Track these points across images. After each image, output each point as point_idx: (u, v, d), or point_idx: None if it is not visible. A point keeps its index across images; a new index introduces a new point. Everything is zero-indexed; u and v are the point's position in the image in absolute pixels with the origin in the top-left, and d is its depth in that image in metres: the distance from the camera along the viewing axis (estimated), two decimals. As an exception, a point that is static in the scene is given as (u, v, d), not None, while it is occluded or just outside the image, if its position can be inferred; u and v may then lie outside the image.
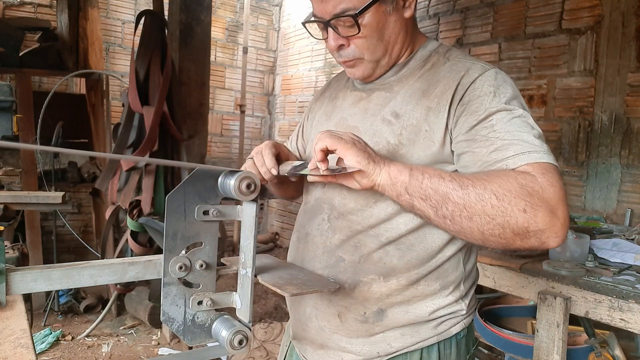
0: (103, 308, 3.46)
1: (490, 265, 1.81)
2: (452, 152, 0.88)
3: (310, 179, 0.85)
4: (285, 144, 1.19)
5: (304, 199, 1.09)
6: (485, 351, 2.46)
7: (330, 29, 0.93)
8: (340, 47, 0.94)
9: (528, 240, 0.74)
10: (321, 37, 0.97)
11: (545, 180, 0.75)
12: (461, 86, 0.88)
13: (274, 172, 0.92)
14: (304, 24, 0.98)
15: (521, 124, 0.82)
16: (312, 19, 0.95)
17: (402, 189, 0.78)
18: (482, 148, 0.82)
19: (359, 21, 0.88)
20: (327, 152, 0.80)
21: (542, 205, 0.73)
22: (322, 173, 0.80)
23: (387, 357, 0.95)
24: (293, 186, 1.16)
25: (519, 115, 0.83)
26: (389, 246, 0.92)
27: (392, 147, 0.90)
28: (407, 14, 0.94)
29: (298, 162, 0.91)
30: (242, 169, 0.92)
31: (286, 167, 0.91)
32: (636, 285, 1.48)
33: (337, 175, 0.81)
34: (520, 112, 0.83)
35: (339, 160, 0.81)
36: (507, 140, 0.80)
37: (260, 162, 0.94)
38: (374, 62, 0.95)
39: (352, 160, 0.78)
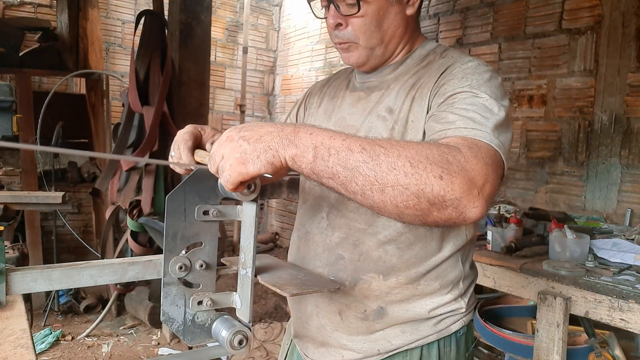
0: (103, 308, 3.46)
1: (490, 265, 1.81)
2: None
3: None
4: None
5: (304, 198, 1.09)
6: (485, 351, 2.46)
7: (331, 7, 0.94)
8: (338, 26, 0.95)
9: (445, 210, 0.67)
10: (323, 16, 0.98)
11: (471, 153, 0.70)
12: (443, 74, 0.89)
13: (186, 161, 0.87)
14: (308, 1, 1.00)
15: (481, 106, 0.80)
16: None
17: (308, 170, 0.70)
18: (436, 123, 0.81)
19: (361, 0, 0.90)
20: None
21: (461, 173, 0.67)
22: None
23: (388, 355, 0.96)
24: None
25: (483, 99, 0.81)
26: (387, 245, 0.92)
27: None
28: (410, 11, 0.95)
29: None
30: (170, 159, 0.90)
31: (202, 154, 0.86)
32: (636, 285, 1.48)
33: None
34: (485, 97, 0.82)
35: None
36: (457, 115, 0.79)
37: (178, 158, 0.89)
38: (368, 49, 0.96)
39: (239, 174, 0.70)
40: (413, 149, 0.68)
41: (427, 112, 0.88)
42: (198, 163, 0.85)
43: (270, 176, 0.70)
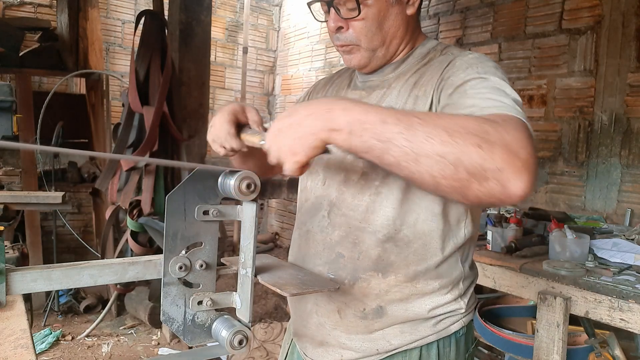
0: (103, 308, 3.46)
1: (490, 265, 1.81)
2: None
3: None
4: None
5: (305, 197, 1.09)
6: (485, 351, 2.46)
7: (332, 10, 0.94)
8: (339, 29, 0.95)
9: (486, 182, 0.64)
10: (323, 19, 0.98)
11: (509, 124, 0.68)
12: (446, 69, 0.89)
13: (236, 146, 0.89)
14: (309, 4, 0.99)
15: (494, 89, 0.79)
16: None
17: (345, 147, 0.71)
18: (455, 111, 0.80)
19: (361, 3, 0.90)
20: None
21: (500, 142, 0.64)
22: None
23: (387, 355, 0.96)
24: (252, 162, 1.12)
25: (493, 81, 0.81)
26: (386, 243, 0.92)
27: None
28: (410, 11, 0.95)
29: (264, 137, 0.83)
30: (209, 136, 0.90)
31: (252, 138, 0.87)
32: (636, 285, 1.48)
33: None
34: (494, 79, 0.81)
35: None
36: (477, 99, 0.77)
37: (221, 132, 0.89)
38: (370, 50, 0.96)
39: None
40: (450, 119, 0.67)
41: (431, 108, 0.88)
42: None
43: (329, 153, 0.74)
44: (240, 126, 0.90)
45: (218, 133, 0.89)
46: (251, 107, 0.93)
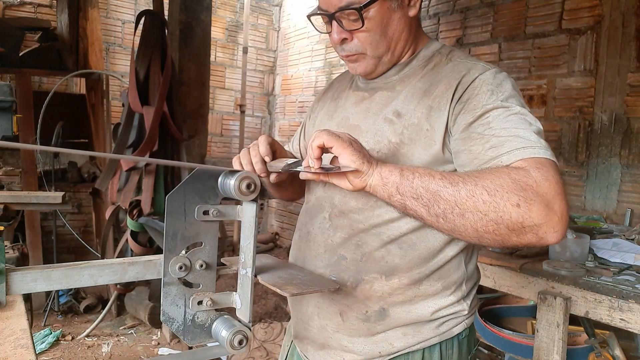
0: (103, 308, 3.46)
1: (490, 265, 1.81)
2: (451, 150, 0.87)
3: (302, 175, 0.83)
4: (285, 145, 1.18)
5: (306, 198, 1.09)
6: (486, 351, 2.46)
7: (334, 22, 0.93)
8: (344, 41, 0.95)
9: (524, 236, 0.71)
10: (325, 31, 0.98)
11: (539, 174, 0.73)
12: (461, 85, 0.88)
13: (267, 159, 0.89)
14: (309, 17, 0.99)
15: (518, 120, 0.81)
16: (318, 12, 0.95)
17: (394, 190, 0.77)
18: (478, 146, 0.81)
19: (364, 15, 0.89)
20: (323, 149, 0.79)
21: (536, 199, 0.70)
22: (315, 170, 0.79)
23: (389, 357, 0.95)
24: (291, 188, 1.16)
25: (516, 112, 0.82)
26: (390, 245, 0.92)
27: (393, 145, 0.90)
28: (412, 12, 0.95)
29: (292, 160, 0.89)
30: (234, 159, 0.91)
31: (280, 164, 0.89)
32: (636, 285, 1.48)
33: (330, 174, 0.80)
34: (517, 109, 0.83)
35: (334, 159, 0.80)
36: (503, 137, 0.79)
37: (255, 152, 0.90)
38: (376, 58, 0.96)
39: (347, 159, 0.78)
40: (487, 179, 0.73)
41: (447, 124, 0.87)
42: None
43: (350, 168, 0.78)
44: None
45: (253, 152, 0.91)
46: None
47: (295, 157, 0.89)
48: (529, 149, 0.77)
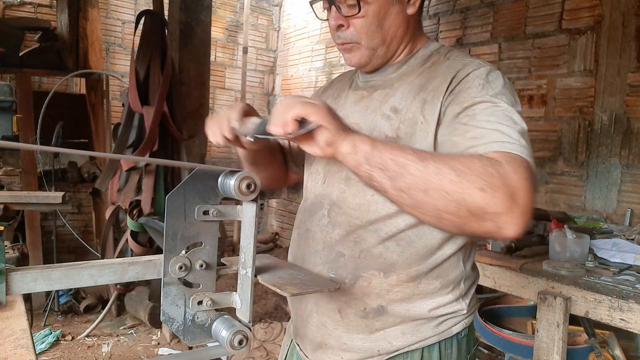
0: (103, 308, 3.46)
1: (490, 265, 1.81)
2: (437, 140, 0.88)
3: (272, 131, 0.78)
4: (281, 140, 1.18)
5: (304, 196, 1.09)
6: (485, 351, 2.46)
7: (333, 8, 0.94)
8: (340, 27, 0.96)
9: (484, 223, 0.70)
10: (325, 18, 0.99)
11: (510, 167, 0.72)
12: (455, 79, 0.89)
13: (235, 124, 0.86)
14: (310, 3, 1.00)
15: (503, 117, 0.81)
16: None
17: (363, 158, 0.75)
18: (460, 136, 0.81)
19: (361, 1, 0.90)
20: (299, 120, 0.76)
21: (503, 188, 0.70)
22: (288, 136, 0.76)
23: (388, 356, 0.95)
24: (266, 172, 1.13)
25: (503, 108, 0.82)
26: (388, 241, 0.92)
27: (390, 141, 0.91)
28: (411, 10, 0.96)
29: (260, 120, 0.83)
30: (207, 128, 0.89)
31: (248, 128, 0.85)
32: (636, 285, 1.48)
33: (301, 136, 0.76)
34: (505, 106, 0.83)
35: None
36: (484, 129, 0.79)
37: (224, 117, 0.88)
38: (370, 49, 0.96)
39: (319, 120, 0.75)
40: (457, 160, 0.72)
41: (439, 116, 0.88)
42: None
43: (317, 123, 0.74)
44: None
45: (221, 117, 0.88)
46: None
47: (278, 136, 0.81)
48: (508, 144, 0.76)
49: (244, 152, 1.04)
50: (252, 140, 0.84)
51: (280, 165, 1.19)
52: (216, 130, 0.88)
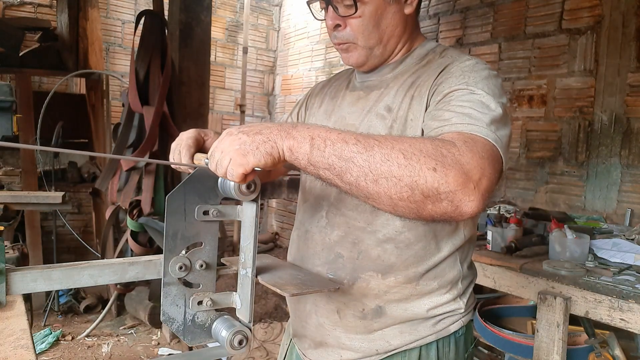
0: (103, 308, 3.46)
1: (490, 265, 1.81)
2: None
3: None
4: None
5: (304, 197, 1.09)
6: (485, 351, 2.46)
7: (330, 8, 0.94)
8: (337, 27, 0.96)
9: (440, 203, 0.67)
10: (322, 18, 0.99)
11: (466, 147, 0.70)
12: (442, 73, 0.90)
13: (185, 160, 0.87)
14: (308, 3, 1.00)
15: (478, 103, 0.80)
16: None
17: (305, 162, 0.71)
18: (434, 121, 0.82)
19: (358, 1, 0.90)
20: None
21: (455, 165, 0.67)
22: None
23: (386, 355, 0.96)
24: None
25: (479, 95, 0.81)
26: (386, 243, 0.92)
27: None
28: (408, 10, 0.96)
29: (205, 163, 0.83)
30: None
31: (200, 157, 0.86)
32: (636, 285, 1.48)
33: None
34: (482, 93, 0.82)
35: None
36: (454, 113, 0.79)
37: (178, 159, 0.89)
38: (367, 49, 0.96)
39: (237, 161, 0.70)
40: (407, 142, 0.69)
41: (426, 109, 0.88)
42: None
43: (262, 169, 0.71)
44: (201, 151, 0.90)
45: (177, 144, 0.90)
46: (213, 132, 0.94)
47: None
48: (473, 126, 0.76)
49: None
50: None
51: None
52: (174, 152, 0.91)
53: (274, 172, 1.16)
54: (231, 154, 0.69)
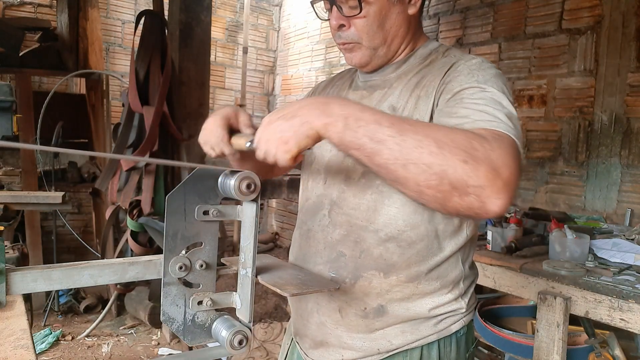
0: (103, 308, 3.46)
1: (490, 265, 1.81)
2: None
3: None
4: None
5: (306, 196, 1.09)
6: (485, 351, 2.46)
7: (334, 8, 0.94)
8: (341, 27, 0.96)
9: (466, 197, 0.67)
10: (326, 18, 0.99)
11: (496, 143, 0.70)
12: (449, 72, 0.90)
13: (227, 151, 0.86)
14: (312, 3, 1.00)
15: (491, 100, 0.80)
16: None
17: (337, 140, 0.72)
18: (448, 119, 0.81)
19: (363, 1, 0.90)
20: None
21: (486, 161, 0.67)
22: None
23: (388, 355, 0.96)
24: (251, 163, 1.13)
25: (491, 93, 0.82)
26: (388, 242, 0.92)
27: None
28: (411, 11, 0.96)
29: (251, 138, 0.83)
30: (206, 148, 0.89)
31: (240, 141, 0.84)
32: (636, 285, 1.48)
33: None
34: (493, 91, 0.82)
35: None
36: (471, 110, 0.79)
37: (216, 142, 0.87)
38: (371, 49, 0.96)
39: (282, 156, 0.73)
40: (440, 131, 0.69)
41: (432, 109, 0.88)
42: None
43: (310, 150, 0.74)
44: (232, 131, 0.87)
45: (209, 136, 0.87)
46: (243, 110, 0.92)
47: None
48: (494, 122, 0.76)
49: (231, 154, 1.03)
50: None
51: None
52: (211, 148, 0.88)
53: (276, 169, 1.16)
54: (275, 142, 0.72)
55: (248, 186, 0.74)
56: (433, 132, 0.69)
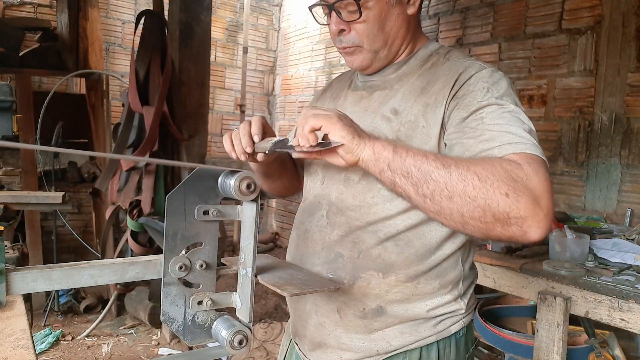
0: (103, 308, 3.46)
1: (490, 265, 1.81)
2: (445, 144, 0.88)
3: (294, 155, 0.83)
4: None
5: (303, 197, 1.09)
6: (485, 351, 2.46)
7: (333, 13, 0.94)
8: (341, 32, 0.96)
9: (509, 227, 0.71)
10: (325, 23, 0.99)
11: (530, 168, 0.73)
12: (458, 82, 0.89)
13: (256, 138, 0.88)
14: (310, 8, 1.00)
15: (511, 118, 0.82)
16: (318, 2, 0.97)
17: (385, 165, 0.76)
18: (471, 139, 0.82)
19: (362, 6, 0.90)
20: (313, 132, 0.78)
21: (526, 192, 0.71)
22: (306, 149, 0.78)
23: (387, 356, 0.95)
24: (279, 180, 1.16)
25: (510, 110, 0.83)
26: (387, 242, 0.92)
27: None
28: (411, 11, 0.96)
29: (278, 138, 0.86)
30: (225, 137, 0.92)
31: (266, 144, 0.87)
32: (636, 285, 1.48)
33: (322, 151, 0.79)
34: (511, 107, 0.84)
35: (325, 136, 0.79)
36: (495, 132, 0.80)
37: (245, 130, 0.90)
38: (372, 52, 0.96)
39: (336, 135, 0.77)
40: (480, 165, 0.73)
41: (442, 120, 0.88)
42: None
43: (339, 143, 0.77)
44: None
45: (242, 133, 0.90)
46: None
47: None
48: (520, 144, 0.78)
49: (256, 166, 1.05)
50: (267, 153, 0.87)
51: (292, 174, 1.19)
52: (238, 146, 0.90)
53: (276, 185, 1.17)
54: (320, 117, 0.77)
55: (248, 186, 0.74)
56: (474, 166, 0.73)
